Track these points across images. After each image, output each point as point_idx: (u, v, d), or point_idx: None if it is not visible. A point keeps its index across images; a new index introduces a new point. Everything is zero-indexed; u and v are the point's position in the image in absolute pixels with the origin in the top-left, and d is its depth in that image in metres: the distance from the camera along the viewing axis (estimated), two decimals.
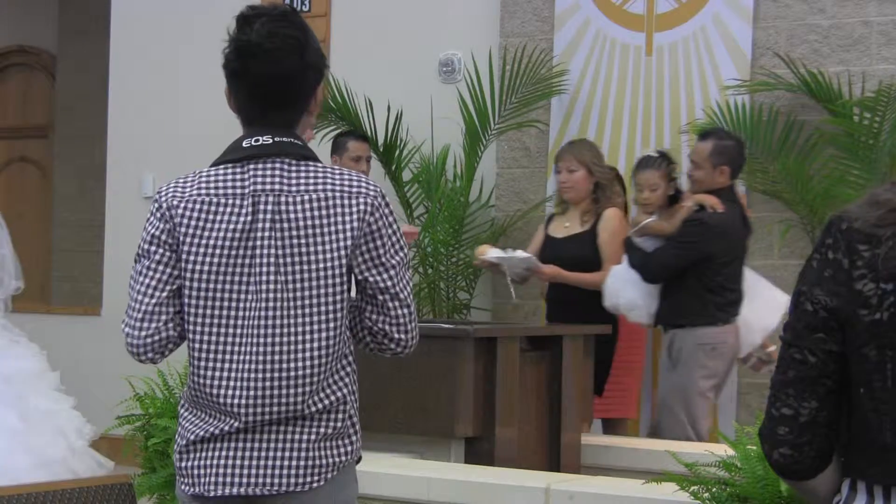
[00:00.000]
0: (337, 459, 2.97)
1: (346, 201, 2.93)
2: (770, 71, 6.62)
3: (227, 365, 2.91)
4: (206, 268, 2.89)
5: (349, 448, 3.00)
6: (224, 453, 2.92)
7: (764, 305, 6.13)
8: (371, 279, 2.96)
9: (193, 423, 2.96)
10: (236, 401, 2.89)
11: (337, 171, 2.97)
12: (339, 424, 2.97)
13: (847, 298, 2.25)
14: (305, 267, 2.90)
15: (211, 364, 2.92)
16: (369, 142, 7.10)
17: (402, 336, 3.04)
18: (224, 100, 3.02)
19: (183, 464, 2.97)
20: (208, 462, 2.93)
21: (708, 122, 6.70)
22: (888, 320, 2.22)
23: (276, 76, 2.93)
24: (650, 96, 6.97)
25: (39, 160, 10.82)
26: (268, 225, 2.89)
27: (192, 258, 2.90)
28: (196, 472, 2.94)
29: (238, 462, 2.92)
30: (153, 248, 2.93)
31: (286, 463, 2.92)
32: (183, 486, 2.98)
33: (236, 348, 2.91)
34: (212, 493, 2.92)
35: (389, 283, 2.97)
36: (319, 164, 2.97)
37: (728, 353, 6.05)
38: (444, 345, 5.08)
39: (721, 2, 6.81)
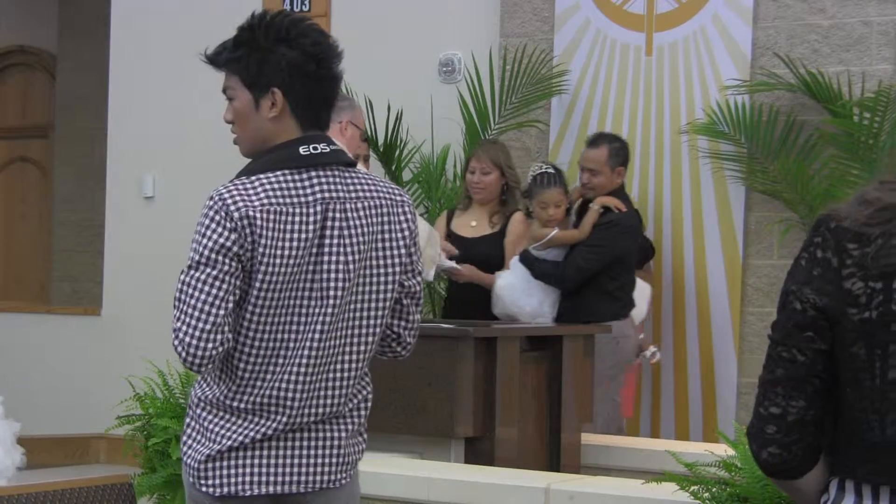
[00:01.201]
0: (358, 456, 3.05)
1: (395, 209, 2.99)
2: (770, 71, 6.62)
3: (280, 368, 2.90)
4: (279, 278, 2.85)
5: (363, 445, 3.08)
6: (263, 452, 2.93)
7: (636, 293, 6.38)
8: (406, 283, 3.03)
9: (227, 428, 2.93)
10: (288, 402, 2.90)
11: (377, 179, 3.03)
12: (361, 421, 3.04)
13: (836, 297, 2.25)
14: (368, 272, 2.94)
15: (265, 367, 2.90)
16: (368, 141, 7.09)
17: (411, 340, 3.13)
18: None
19: (210, 470, 2.94)
20: (242, 462, 2.93)
21: (708, 121, 6.70)
22: (877, 319, 2.22)
23: (339, 80, 3.00)
24: (650, 96, 6.97)
25: (39, 160, 10.82)
26: (336, 232, 2.90)
27: (265, 268, 2.84)
28: (227, 471, 2.93)
29: (273, 462, 2.93)
30: (220, 258, 2.82)
31: (321, 461, 2.96)
32: (206, 489, 2.94)
33: (291, 352, 2.90)
34: (247, 493, 2.92)
35: (417, 288, 3.06)
36: (360, 171, 3.01)
37: (633, 343, 6.27)
38: (444, 345, 5.08)
39: (721, 2, 6.81)
